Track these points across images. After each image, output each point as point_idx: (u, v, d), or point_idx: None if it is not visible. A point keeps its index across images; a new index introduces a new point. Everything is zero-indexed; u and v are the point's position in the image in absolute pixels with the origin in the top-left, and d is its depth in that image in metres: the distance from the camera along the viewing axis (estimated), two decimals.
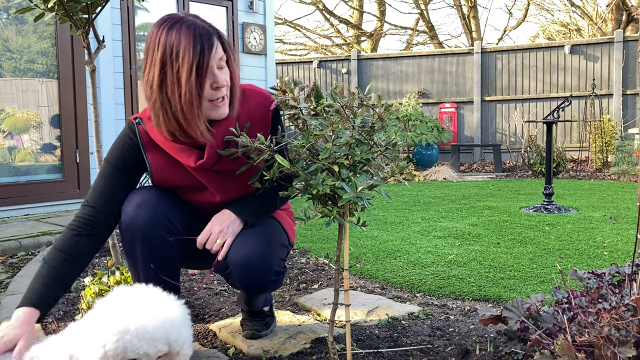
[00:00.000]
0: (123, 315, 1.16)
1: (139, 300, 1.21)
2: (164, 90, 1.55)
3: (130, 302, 1.20)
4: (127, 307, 1.18)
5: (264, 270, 1.68)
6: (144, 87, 1.59)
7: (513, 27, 20.16)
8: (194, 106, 1.55)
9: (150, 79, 1.55)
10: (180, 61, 1.52)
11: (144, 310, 1.18)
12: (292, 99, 1.53)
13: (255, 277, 1.68)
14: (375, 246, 3.48)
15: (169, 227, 1.66)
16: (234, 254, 1.66)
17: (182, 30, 1.53)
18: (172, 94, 1.54)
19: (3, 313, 2.30)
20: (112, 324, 1.15)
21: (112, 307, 1.20)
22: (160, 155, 1.69)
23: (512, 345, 1.63)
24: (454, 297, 2.49)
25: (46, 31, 5.14)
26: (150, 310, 1.18)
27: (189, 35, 1.53)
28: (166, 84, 1.54)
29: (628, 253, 3.18)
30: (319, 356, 1.82)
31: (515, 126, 10.19)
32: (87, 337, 1.16)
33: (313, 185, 1.49)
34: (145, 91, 1.59)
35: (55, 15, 2.35)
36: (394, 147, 1.55)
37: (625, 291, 1.64)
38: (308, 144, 1.52)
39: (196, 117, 1.57)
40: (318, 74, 11.64)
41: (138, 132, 1.69)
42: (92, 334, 1.15)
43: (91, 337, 1.15)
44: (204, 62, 1.53)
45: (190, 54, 1.52)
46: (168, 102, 1.55)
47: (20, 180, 4.95)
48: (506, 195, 5.92)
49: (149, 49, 1.57)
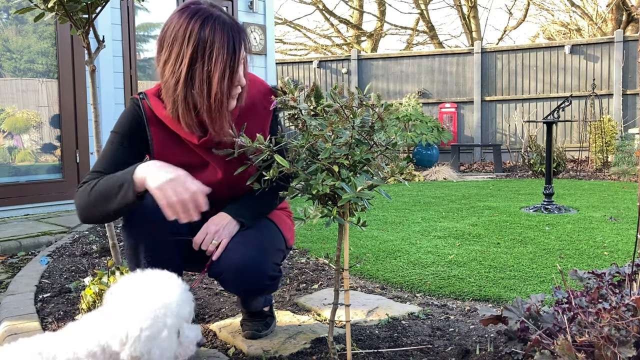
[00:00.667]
0: (146, 297, 1.19)
1: (151, 283, 1.24)
2: (190, 85, 1.53)
3: (145, 286, 1.22)
4: (145, 290, 1.21)
5: (257, 276, 1.67)
6: (165, 79, 1.56)
7: (513, 27, 20.16)
8: (224, 106, 1.56)
9: (177, 73, 1.53)
10: (214, 61, 1.51)
11: (162, 290, 1.21)
12: (291, 99, 1.53)
13: (248, 282, 1.67)
14: (375, 246, 3.48)
15: (173, 230, 1.65)
16: (227, 259, 1.65)
17: (217, 27, 1.52)
18: (200, 92, 1.53)
19: (3, 313, 2.30)
20: (140, 306, 1.17)
21: (129, 293, 1.21)
22: (162, 130, 1.69)
23: (512, 345, 1.63)
24: (454, 297, 2.49)
25: (46, 31, 5.14)
26: (167, 289, 1.22)
27: (223, 34, 1.52)
28: (194, 81, 1.53)
29: (628, 253, 3.18)
30: (319, 356, 1.82)
31: (515, 126, 10.19)
32: (115, 324, 1.16)
33: (313, 185, 1.49)
34: (166, 82, 1.56)
35: (55, 15, 2.35)
36: (394, 147, 1.55)
37: (625, 291, 1.64)
38: (308, 144, 1.52)
39: (224, 116, 1.58)
40: (318, 74, 11.64)
41: (142, 106, 1.69)
42: (119, 320, 1.16)
43: (119, 323, 1.16)
44: (235, 64, 1.54)
45: (224, 55, 1.52)
46: (192, 98, 1.55)
47: (20, 180, 4.95)
48: (506, 195, 5.92)
49: (176, 40, 1.53)
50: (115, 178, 1.52)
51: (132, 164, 1.54)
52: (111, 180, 1.52)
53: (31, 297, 2.52)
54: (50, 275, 2.90)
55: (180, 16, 1.55)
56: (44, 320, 2.22)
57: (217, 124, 1.59)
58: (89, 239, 3.74)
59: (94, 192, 1.54)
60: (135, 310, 1.17)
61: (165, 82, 1.57)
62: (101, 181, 1.55)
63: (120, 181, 1.50)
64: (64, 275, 2.91)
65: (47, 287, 2.69)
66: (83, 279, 2.62)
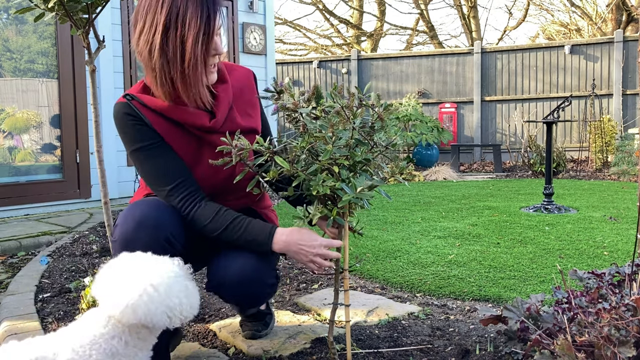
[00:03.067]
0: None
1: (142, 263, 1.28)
2: (165, 53, 1.51)
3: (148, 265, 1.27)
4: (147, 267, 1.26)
5: (258, 287, 1.66)
6: (140, 49, 1.53)
7: (513, 27, 20.17)
8: (198, 72, 1.54)
9: (151, 41, 1.50)
10: (187, 26, 1.50)
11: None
12: (293, 104, 1.53)
13: (249, 294, 1.67)
14: (375, 246, 3.48)
15: (168, 249, 1.56)
16: (224, 271, 1.63)
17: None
18: (174, 58, 1.51)
19: (3, 313, 2.30)
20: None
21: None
22: (164, 122, 1.63)
23: (512, 345, 1.63)
24: (454, 297, 2.49)
25: (46, 31, 5.14)
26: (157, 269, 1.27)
27: (198, 4, 1.51)
28: (169, 47, 1.51)
29: (628, 253, 3.18)
30: (319, 356, 1.82)
31: (515, 126, 10.19)
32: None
33: (313, 186, 1.49)
34: (141, 53, 1.53)
35: (55, 15, 2.35)
36: (394, 147, 1.55)
37: (625, 291, 1.64)
38: (308, 145, 1.52)
39: (199, 82, 1.56)
40: (318, 74, 11.64)
41: (134, 108, 1.61)
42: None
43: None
44: (210, 29, 1.52)
45: (197, 19, 1.50)
46: (167, 65, 1.52)
47: (20, 180, 4.95)
48: (506, 195, 5.92)
49: (149, 10, 1.51)
50: (252, 233, 1.59)
51: (181, 163, 1.61)
52: (247, 235, 1.59)
53: (31, 297, 2.52)
54: (50, 275, 2.90)
55: None
56: (44, 320, 2.22)
57: (191, 89, 1.56)
58: (89, 239, 3.74)
59: (222, 238, 1.60)
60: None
61: (141, 54, 1.54)
62: (227, 233, 1.59)
63: (258, 241, 1.59)
64: (64, 275, 2.91)
65: (47, 287, 2.69)
66: (83, 279, 2.62)
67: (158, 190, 1.61)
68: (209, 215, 1.59)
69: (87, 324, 1.23)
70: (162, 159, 1.61)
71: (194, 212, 1.59)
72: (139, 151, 1.61)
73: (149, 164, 1.61)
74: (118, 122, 1.62)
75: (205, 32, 1.52)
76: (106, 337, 1.20)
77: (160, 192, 1.61)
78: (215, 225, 1.59)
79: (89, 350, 1.17)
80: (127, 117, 1.60)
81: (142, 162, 1.62)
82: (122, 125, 1.61)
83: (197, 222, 1.59)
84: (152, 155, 1.61)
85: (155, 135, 1.61)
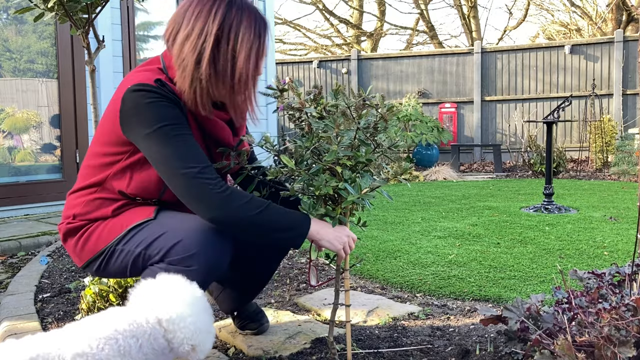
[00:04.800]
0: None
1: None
2: (214, 65, 1.48)
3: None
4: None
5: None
6: (184, 56, 1.47)
7: (513, 27, 20.17)
8: (248, 89, 1.53)
9: (199, 50, 1.46)
10: (241, 40, 1.47)
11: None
12: (299, 104, 1.53)
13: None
14: (375, 246, 3.48)
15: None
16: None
17: (244, 7, 1.50)
18: (223, 72, 1.49)
19: (3, 313, 2.30)
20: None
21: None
22: (193, 123, 1.56)
23: (512, 345, 1.63)
24: (454, 297, 2.49)
25: (46, 31, 5.14)
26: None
27: (250, 15, 1.50)
28: (218, 59, 1.47)
29: (628, 253, 3.18)
30: (319, 356, 1.82)
31: (515, 126, 10.19)
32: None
33: (315, 186, 1.49)
34: (184, 60, 1.47)
35: (55, 15, 2.35)
36: (397, 148, 1.56)
37: (625, 291, 1.64)
38: (312, 145, 1.52)
39: (248, 100, 1.55)
40: (318, 74, 11.64)
41: (168, 89, 1.50)
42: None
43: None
44: (261, 47, 1.52)
45: (250, 35, 1.49)
46: (215, 77, 1.49)
47: (20, 180, 4.95)
48: (506, 195, 5.92)
49: (198, 16, 1.47)
50: (287, 220, 1.51)
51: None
52: (282, 220, 1.51)
53: (31, 297, 2.52)
54: (50, 275, 2.90)
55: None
56: (44, 320, 2.22)
57: (238, 102, 1.54)
58: None
59: (264, 217, 1.48)
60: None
61: (183, 60, 1.48)
62: (271, 211, 1.49)
63: (292, 226, 1.52)
64: (64, 275, 2.91)
65: (47, 287, 2.69)
66: (83, 279, 2.62)
67: (186, 168, 1.44)
68: (245, 195, 1.48)
69: (107, 319, 1.22)
70: (191, 138, 1.49)
71: (231, 190, 1.46)
72: (165, 128, 1.45)
73: (177, 141, 1.45)
74: (138, 101, 1.46)
75: (257, 49, 1.51)
76: (127, 334, 1.19)
77: (189, 169, 1.43)
78: (255, 204, 1.47)
79: (103, 344, 1.16)
80: (152, 95, 1.46)
81: (169, 139, 1.45)
82: (143, 103, 1.46)
83: (236, 199, 1.45)
84: (181, 133, 1.47)
85: (183, 117, 1.50)
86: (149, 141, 1.45)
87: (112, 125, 1.52)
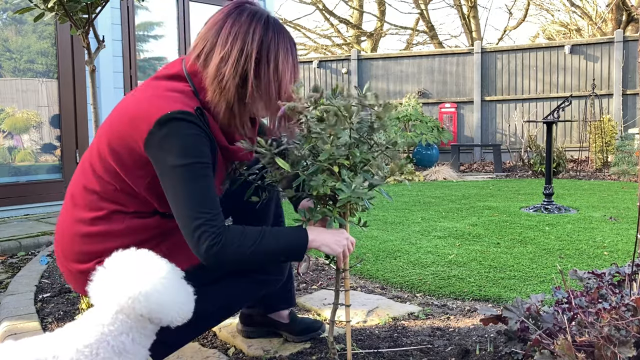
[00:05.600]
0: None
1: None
2: (257, 86, 1.49)
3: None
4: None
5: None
6: (223, 78, 1.46)
7: (513, 27, 20.18)
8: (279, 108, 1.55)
9: (241, 71, 1.47)
10: (281, 61, 1.51)
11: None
12: (301, 107, 1.52)
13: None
14: (375, 246, 3.48)
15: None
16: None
17: (278, 29, 1.52)
18: (268, 91, 1.51)
19: (3, 313, 2.30)
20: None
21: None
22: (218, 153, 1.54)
23: (512, 345, 1.63)
24: (454, 297, 2.49)
25: (46, 31, 5.14)
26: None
27: (284, 38, 1.53)
28: (261, 81, 1.49)
29: (628, 253, 3.18)
30: (319, 356, 1.82)
31: (515, 126, 10.19)
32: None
33: (313, 187, 1.49)
34: (223, 81, 1.46)
35: (55, 15, 2.35)
36: (394, 147, 1.55)
37: (625, 291, 1.64)
38: (310, 146, 1.52)
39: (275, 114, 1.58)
40: (318, 74, 11.64)
41: (204, 122, 1.46)
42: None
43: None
44: (296, 68, 1.56)
45: (289, 57, 1.53)
46: (259, 96, 1.51)
47: (20, 180, 4.95)
48: (506, 195, 5.92)
49: (236, 37, 1.47)
50: (282, 243, 1.50)
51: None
52: (278, 245, 1.49)
53: (31, 297, 2.52)
54: (50, 275, 2.90)
55: (239, 14, 1.50)
56: (44, 320, 2.22)
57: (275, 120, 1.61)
58: None
59: (258, 253, 1.46)
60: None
61: (220, 82, 1.46)
62: (264, 242, 1.46)
63: (292, 242, 1.52)
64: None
65: (47, 287, 2.69)
66: None
67: (197, 213, 1.40)
68: (238, 235, 1.44)
69: (90, 322, 1.20)
70: (212, 180, 1.45)
71: (224, 239, 1.42)
72: (196, 165, 1.41)
73: (199, 183, 1.41)
74: (177, 131, 1.40)
75: (294, 70, 1.55)
76: (115, 333, 1.18)
77: (198, 216, 1.40)
78: (249, 241, 1.45)
79: (96, 349, 1.15)
80: (194, 128, 1.42)
81: (192, 179, 1.41)
82: (183, 133, 1.40)
83: (230, 245, 1.42)
84: (206, 174, 1.43)
85: (211, 156, 1.47)
86: (174, 174, 1.41)
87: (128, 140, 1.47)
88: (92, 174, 1.52)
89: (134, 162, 1.45)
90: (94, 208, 1.51)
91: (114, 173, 1.48)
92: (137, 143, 1.42)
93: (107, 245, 1.47)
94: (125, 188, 1.49)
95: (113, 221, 1.50)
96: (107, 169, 1.49)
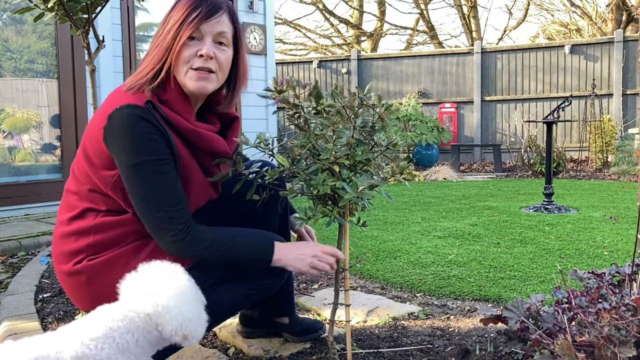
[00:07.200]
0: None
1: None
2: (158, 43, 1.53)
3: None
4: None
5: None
6: (150, 49, 1.56)
7: (513, 27, 20.19)
8: (173, 52, 1.49)
9: (157, 37, 1.54)
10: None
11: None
12: (294, 96, 1.53)
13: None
14: (375, 246, 3.48)
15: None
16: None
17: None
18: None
19: (3, 313, 2.30)
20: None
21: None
22: (181, 142, 1.50)
23: (512, 345, 1.63)
24: (454, 297, 2.49)
25: (46, 31, 5.14)
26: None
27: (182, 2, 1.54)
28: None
29: (628, 253, 3.18)
30: (319, 356, 1.82)
31: (515, 126, 10.19)
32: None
33: (314, 186, 1.49)
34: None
35: (55, 15, 2.35)
36: (395, 147, 1.55)
37: (625, 291, 1.64)
38: (309, 144, 1.51)
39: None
40: (318, 74, 11.64)
41: (156, 117, 1.45)
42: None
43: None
44: (193, 19, 1.48)
45: (185, 9, 1.50)
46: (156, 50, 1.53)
47: (20, 180, 4.95)
48: (506, 195, 5.92)
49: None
50: (248, 250, 1.53)
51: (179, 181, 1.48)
52: (244, 251, 1.53)
53: (31, 297, 2.52)
54: (50, 275, 2.90)
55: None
56: (44, 320, 2.22)
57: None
58: None
59: (227, 255, 1.51)
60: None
61: (150, 54, 1.54)
62: (236, 247, 1.51)
63: (257, 257, 1.55)
64: None
65: (47, 287, 2.69)
66: None
67: (159, 211, 1.42)
68: (205, 240, 1.48)
69: (100, 316, 1.22)
70: (172, 177, 1.45)
71: (192, 237, 1.46)
72: (146, 165, 1.41)
73: (155, 181, 1.42)
74: (126, 126, 1.40)
75: (185, 19, 1.56)
76: (122, 330, 1.19)
77: (162, 212, 1.42)
78: (218, 247, 1.49)
79: (101, 344, 1.16)
80: (142, 123, 1.41)
81: (147, 177, 1.42)
82: (132, 131, 1.40)
83: (195, 246, 1.46)
84: (162, 171, 1.43)
85: (168, 150, 1.45)
86: (130, 172, 1.42)
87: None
88: (72, 176, 1.57)
89: (102, 161, 1.47)
90: (72, 208, 1.55)
91: (85, 174, 1.52)
92: (99, 143, 1.46)
93: (80, 243, 1.50)
94: (96, 188, 1.51)
95: (85, 218, 1.52)
96: (80, 170, 1.54)
